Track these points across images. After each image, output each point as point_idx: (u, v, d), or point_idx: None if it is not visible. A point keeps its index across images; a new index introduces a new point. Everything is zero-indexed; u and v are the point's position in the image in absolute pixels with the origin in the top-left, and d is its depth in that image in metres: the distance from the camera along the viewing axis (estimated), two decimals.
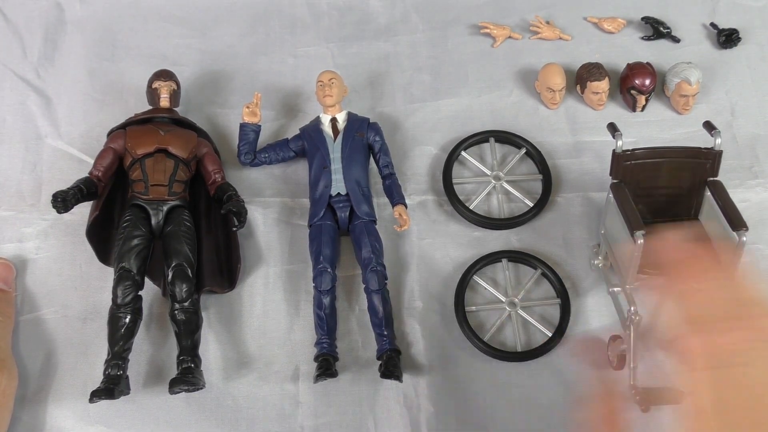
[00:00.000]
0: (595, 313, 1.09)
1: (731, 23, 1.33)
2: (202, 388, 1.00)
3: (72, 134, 1.22)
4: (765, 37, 1.33)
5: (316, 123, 1.17)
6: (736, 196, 1.04)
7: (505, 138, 1.22)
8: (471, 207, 1.16)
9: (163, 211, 1.08)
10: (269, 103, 1.25)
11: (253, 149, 1.18)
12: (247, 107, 1.17)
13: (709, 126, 1.04)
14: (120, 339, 1.00)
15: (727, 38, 1.31)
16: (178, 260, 1.04)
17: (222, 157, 1.17)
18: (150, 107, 1.17)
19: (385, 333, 1.04)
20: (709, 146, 1.03)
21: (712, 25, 1.34)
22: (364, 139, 1.15)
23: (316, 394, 1.04)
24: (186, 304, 1.03)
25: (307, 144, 1.16)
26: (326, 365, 1.02)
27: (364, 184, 1.13)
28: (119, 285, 1.01)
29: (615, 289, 1.08)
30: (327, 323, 1.05)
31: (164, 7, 1.35)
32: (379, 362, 1.03)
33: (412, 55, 1.31)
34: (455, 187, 1.18)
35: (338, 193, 1.11)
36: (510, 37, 1.33)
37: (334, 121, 1.16)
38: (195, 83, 1.27)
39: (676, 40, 1.33)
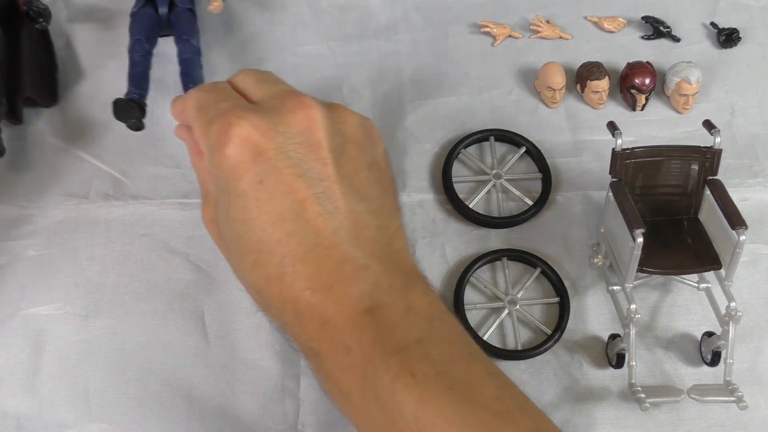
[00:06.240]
0: (595, 311, 1.10)
1: (731, 23, 1.33)
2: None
3: None
4: (765, 37, 1.33)
5: None
6: (736, 195, 1.04)
7: (505, 137, 1.23)
8: (470, 205, 1.16)
9: None
10: None
11: None
12: None
13: (708, 125, 1.05)
14: None
15: (727, 38, 1.31)
16: None
17: None
18: None
19: None
20: (709, 145, 1.03)
21: (712, 24, 1.34)
22: None
23: (317, 392, 1.03)
24: None
25: None
26: None
27: None
28: None
29: (614, 287, 1.08)
30: None
31: None
32: None
33: (413, 54, 1.31)
34: (455, 185, 1.18)
35: None
36: (510, 36, 1.33)
37: None
38: None
39: (676, 39, 1.33)
